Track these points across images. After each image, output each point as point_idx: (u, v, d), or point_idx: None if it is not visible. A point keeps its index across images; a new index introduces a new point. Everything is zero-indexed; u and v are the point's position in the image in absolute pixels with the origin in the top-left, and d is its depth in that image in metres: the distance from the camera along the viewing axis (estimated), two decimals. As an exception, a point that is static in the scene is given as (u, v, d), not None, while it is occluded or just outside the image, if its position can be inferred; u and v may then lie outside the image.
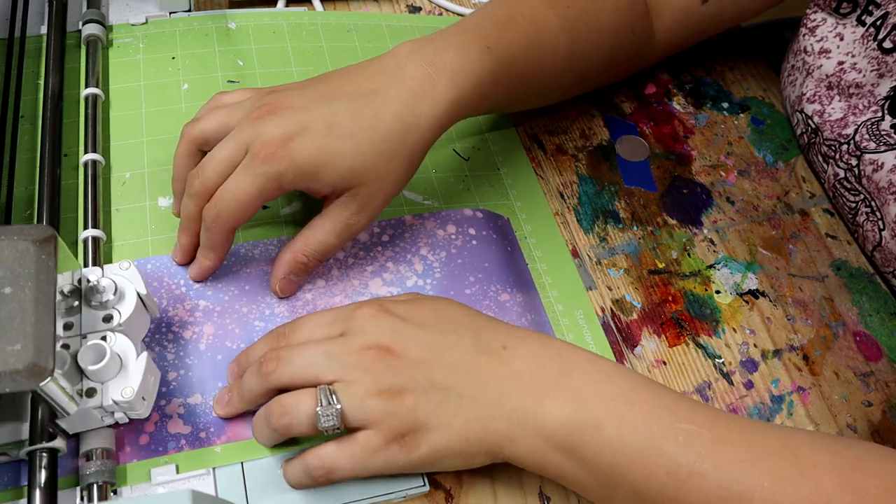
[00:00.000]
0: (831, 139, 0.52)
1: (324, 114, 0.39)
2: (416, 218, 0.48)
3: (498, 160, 0.53)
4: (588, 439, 0.34)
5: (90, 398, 0.34)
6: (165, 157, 0.47)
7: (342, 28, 0.57)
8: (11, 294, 0.31)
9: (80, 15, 0.51)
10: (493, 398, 0.35)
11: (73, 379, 0.34)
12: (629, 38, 0.52)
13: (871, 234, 0.50)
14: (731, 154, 0.57)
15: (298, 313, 0.43)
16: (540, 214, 0.51)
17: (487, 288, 0.46)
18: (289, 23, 0.56)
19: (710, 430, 0.34)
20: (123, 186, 0.46)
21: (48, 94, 0.46)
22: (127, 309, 0.37)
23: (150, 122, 0.49)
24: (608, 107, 0.58)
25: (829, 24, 0.54)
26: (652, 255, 0.50)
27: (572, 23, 0.47)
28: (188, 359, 0.41)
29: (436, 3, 0.62)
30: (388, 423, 0.35)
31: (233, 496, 0.37)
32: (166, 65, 0.52)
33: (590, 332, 0.46)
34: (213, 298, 0.43)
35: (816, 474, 0.33)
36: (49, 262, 0.32)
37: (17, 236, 0.32)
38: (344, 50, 0.56)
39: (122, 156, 0.47)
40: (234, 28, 0.55)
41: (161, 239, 0.44)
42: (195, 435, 0.38)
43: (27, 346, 0.30)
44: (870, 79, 0.51)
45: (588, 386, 0.35)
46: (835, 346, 0.48)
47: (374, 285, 0.45)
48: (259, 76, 0.53)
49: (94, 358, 0.34)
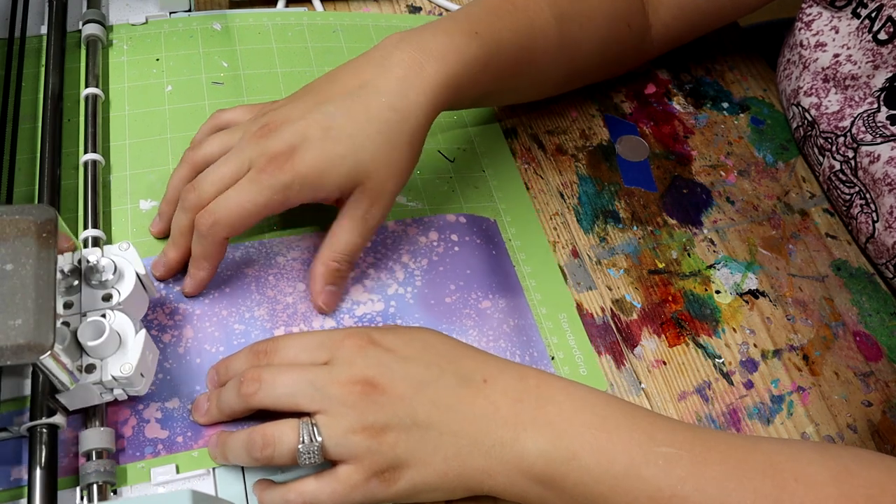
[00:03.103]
0: (828, 132, 0.53)
1: (319, 119, 0.40)
2: (399, 224, 0.48)
3: (483, 162, 0.53)
4: (566, 471, 0.35)
5: (90, 374, 0.35)
6: (150, 159, 0.47)
7: (328, 28, 0.57)
8: (12, 270, 0.31)
9: (80, 15, 0.51)
10: (471, 434, 0.36)
11: (72, 355, 0.34)
12: (624, 30, 0.52)
13: (865, 226, 0.51)
14: (731, 154, 0.57)
15: (279, 317, 0.43)
16: (524, 217, 0.50)
17: (468, 296, 0.45)
18: (275, 24, 0.56)
19: (690, 451, 0.34)
20: (106, 189, 0.46)
21: (48, 94, 0.46)
22: (126, 288, 0.37)
23: (135, 124, 0.49)
24: (608, 107, 0.58)
25: (824, 17, 0.54)
26: (652, 255, 0.50)
27: (565, 12, 0.47)
28: (167, 362, 0.40)
29: (436, 3, 0.62)
30: (370, 460, 0.35)
31: (233, 496, 0.37)
32: (150, 66, 0.52)
33: (573, 336, 0.46)
34: (192, 301, 0.43)
35: (800, 488, 0.33)
36: (50, 240, 0.32)
37: (19, 215, 0.33)
38: (329, 50, 0.56)
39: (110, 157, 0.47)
40: (220, 29, 0.55)
41: (141, 242, 0.44)
42: (172, 440, 0.38)
43: (28, 321, 0.30)
44: (865, 70, 0.51)
45: (565, 417, 0.36)
46: (835, 346, 0.48)
47: (355, 292, 0.45)
48: (244, 77, 0.52)
49: (94, 334, 0.35)
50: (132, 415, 0.38)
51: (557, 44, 0.48)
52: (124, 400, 0.38)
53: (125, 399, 0.38)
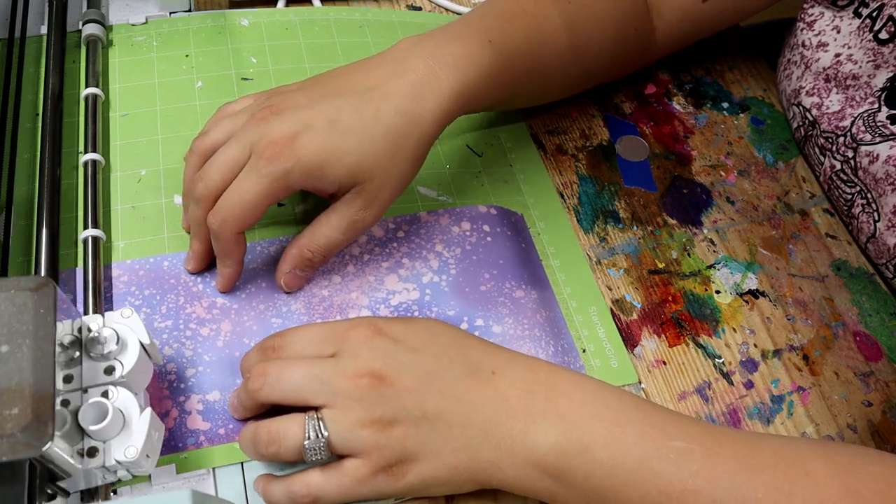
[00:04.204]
0: (829, 131, 0.53)
1: (326, 111, 0.39)
2: (431, 214, 0.48)
3: (511, 157, 0.53)
4: (577, 463, 0.34)
5: (92, 458, 0.33)
6: (180, 155, 0.47)
7: (355, 24, 0.57)
8: (8, 353, 0.29)
9: (80, 15, 0.52)
10: (481, 426, 0.35)
11: (73, 439, 0.32)
12: (631, 34, 0.52)
13: (866, 225, 0.51)
14: (731, 154, 0.57)
15: (315, 310, 0.43)
16: (552, 212, 0.51)
17: (503, 284, 0.46)
18: (301, 19, 0.56)
19: (702, 445, 0.34)
20: (139, 184, 0.46)
21: (48, 94, 0.46)
22: (129, 360, 0.35)
23: (166, 119, 0.49)
24: (608, 107, 0.58)
25: (826, 17, 0.54)
26: (652, 255, 0.50)
27: (574, 17, 0.47)
28: (206, 356, 0.41)
29: (435, 3, 0.62)
30: (378, 454, 0.35)
31: (233, 496, 0.37)
32: (180, 63, 0.52)
33: (603, 329, 0.46)
34: (229, 296, 0.43)
35: (810, 482, 0.33)
36: (48, 316, 0.30)
37: (14, 289, 0.30)
38: (357, 45, 0.56)
39: (133, 154, 0.48)
40: (248, 25, 0.55)
41: (177, 236, 0.45)
42: (214, 431, 0.39)
43: (25, 411, 0.28)
44: (866, 70, 0.51)
45: (575, 409, 0.35)
46: (835, 346, 0.48)
47: (390, 281, 0.45)
48: (273, 73, 0.53)
49: (96, 417, 0.33)
50: (173, 406, 0.39)
51: (567, 49, 0.48)
52: (166, 393, 0.38)
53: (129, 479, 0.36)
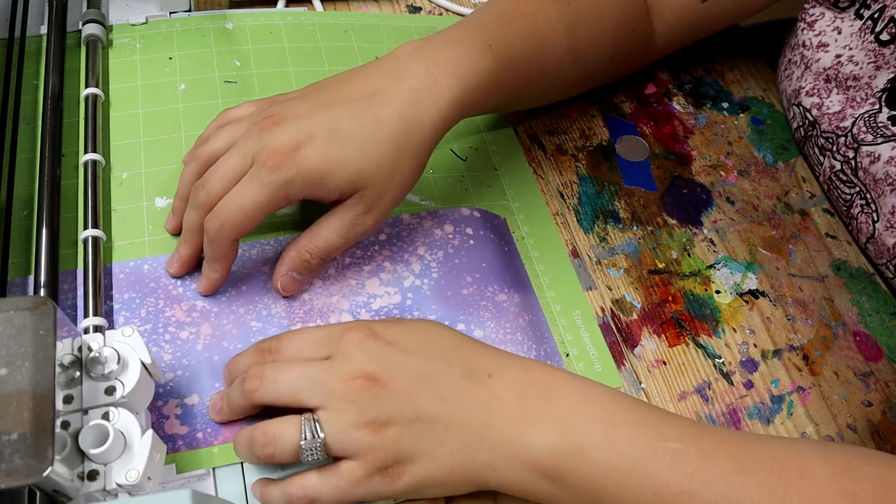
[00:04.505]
0: (829, 132, 0.53)
1: (326, 120, 0.39)
2: (414, 217, 0.48)
3: (496, 161, 0.53)
4: (573, 465, 0.34)
5: (92, 481, 0.32)
6: (162, 158, 0.47)
7: (340, 28, 0.57)
8: (7, 376, 0.28)
9: (80, 15, 0.51)
10: (476, 428, 0.35)
11: (73, 462, 0.31)
12: (630, 35, 0.52)
13: (866, 226, 0.51)
14: (731, 154, 0.57)
15: (295, 314, 0.43)
16: (538, 215, 0.51)
17: (485, 288, 0.46)
18: (286, 23, 0.56)
19: (697, 447, 0.34)
20: (121, 187, 0.46)
21: (48, 94, 0.46)
22: (130, 380, 0.34)
23: (148, 122, 0.49)
24: (608, 107, 0.58)
25: (827, 18, 0.54)
26: (652, 255, 0.50)
27: (573, 20, 0.47)
28: (185, 359, 0.41)
29: (436, 3, 0.62)
30: (373, 456, 0.35)
31: (233, 496, 0.37)
32: (163, 65, 0.52)
33: (587, 333, 0.46)
34: (210, 299, 0.43)
35: (806, 484, 0.33)
36: (48, 337, 0.29)
37: (12, 309, 0.29)
38: (342, 50, 0.56)
39: (120, 156, 0.47)
40: (232, 28, 0.55)
41: (158, 239, 0.44)
42: (192, 435, 0.38)
43: (24, 435, 0.27)
44: (867, 71, 0.51)
45: (571, 411, 0.35)
46: (835, 346, 0.48)
47: (371, 285, 0.45)
48: (256, 77, 0.53)
49: (97, 440, 0.32)
50: (152, 411, 0.38)
51: (566, 52, 0.48)
52: None
53: None
